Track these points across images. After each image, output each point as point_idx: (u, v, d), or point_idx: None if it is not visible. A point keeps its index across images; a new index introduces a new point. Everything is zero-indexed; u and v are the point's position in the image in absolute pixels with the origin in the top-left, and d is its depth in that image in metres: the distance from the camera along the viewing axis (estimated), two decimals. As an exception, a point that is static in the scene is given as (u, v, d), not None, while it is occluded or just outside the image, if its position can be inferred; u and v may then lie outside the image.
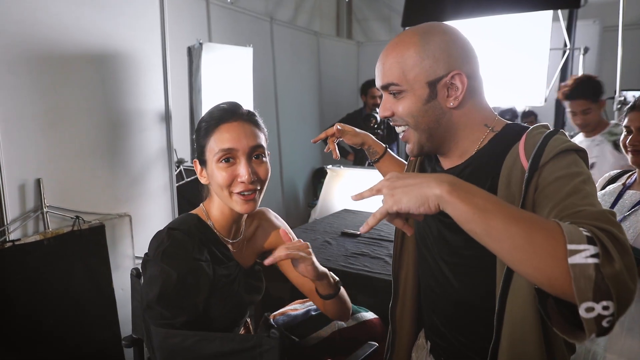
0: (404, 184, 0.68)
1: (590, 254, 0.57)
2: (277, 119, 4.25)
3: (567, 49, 3.03)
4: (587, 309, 0.57)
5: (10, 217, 1.86)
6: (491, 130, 0.90)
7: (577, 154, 0.79)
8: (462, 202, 0.64)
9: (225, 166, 0.99)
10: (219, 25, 3.43)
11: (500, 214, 0.62)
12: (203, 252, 1.00)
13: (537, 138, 0.81)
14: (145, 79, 2.40)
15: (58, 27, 1.99)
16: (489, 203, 0.63)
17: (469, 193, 0.65)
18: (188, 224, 1.03)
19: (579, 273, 0.57)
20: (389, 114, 0.90)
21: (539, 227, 0.61)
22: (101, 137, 2.20)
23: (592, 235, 0.59)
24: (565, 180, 0.73)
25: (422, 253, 1.03)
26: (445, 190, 0.64)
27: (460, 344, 0.96)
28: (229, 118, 1.01)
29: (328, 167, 3.25)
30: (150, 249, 1.00)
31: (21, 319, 1.83)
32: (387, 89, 0.89)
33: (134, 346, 1.19)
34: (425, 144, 0.90)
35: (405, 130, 0.91)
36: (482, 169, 0.87)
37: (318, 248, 2.21)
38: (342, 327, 1.36)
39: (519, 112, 4.44)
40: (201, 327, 0.96)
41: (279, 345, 0.86)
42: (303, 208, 4.69)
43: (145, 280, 0.97)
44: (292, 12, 4.64)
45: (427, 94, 0.86)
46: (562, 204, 0.70)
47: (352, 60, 5.44)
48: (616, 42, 2.86)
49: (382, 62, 0.90)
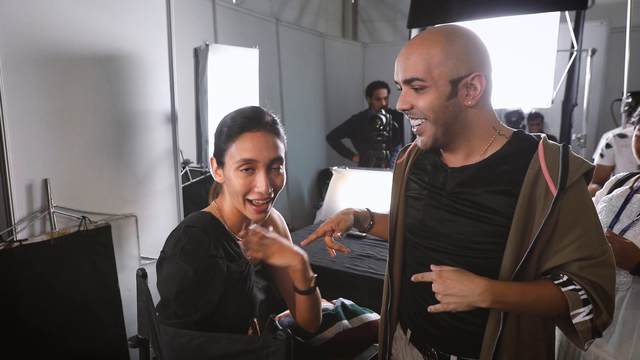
0: (456, 292, 0.85)
1: (586, 313, 0.87)
2: (283, 120, 4.18)
3: (574, 50, 3.01)
4: (588, 344, 0.90)
5: (18, 217, 1.88)
6: (498, 133, 0.96)
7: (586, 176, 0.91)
8: (505, 309, 0.90)
9: (244, 175, 1.01)
10: (225, 27, 3.44)
11: (527, 307, 0.88)
12: (219, 249, 1.01)
13: (555, 152, 0.90)
14: (152, 80, 2.41)
15: (65, 28, 2.00)
16: (518, 298, 0.87)
17: (503, 298, 0.86)
18: (203, 222, 1.04)
19: (581, 327, 0.87)
20: (408, 106, 0.94)
21: (551, 307, 0.88)
22: (108, 138, 2.21)
23: (588, 297, 0.87)
24: (583, 214, 0.89)
25: (412, 244, 1.07)
26: (489, 303, 0.85)
27: (452, 327, 1.00)
28: (253, 127, 1.01)
29: (333, 168, 3.24)
30: (167, 247, 1.00)
31: (27, 318, 1.84)
32: (410, 83, 0.92)
33: (140, 346, 1.19)
34: (440, 138, 0.94)
35: (422, 123, 0.95)
36: (497, 174, 0.92)
37: (323, 249, 2.20)
38: (347, 328, 1.36)
39: (525, 114, 4.41)
40: (212, 326, 0.96)
41: (285, 347, 0.86)
42: (308, 209, 4.69)
43: (161, 278, 0.98)
44: (298, 13, 4.64)
45: (449, 91, 0.91)
46: (581, 241, 0.88)
47: (357, 61, 5.44)
48: (624, 43, 2.84)
49: (406, 57, 0.93)
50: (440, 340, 1.02)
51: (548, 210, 0.86)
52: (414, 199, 1.06)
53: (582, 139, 3.15)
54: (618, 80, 2.88)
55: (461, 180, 0.96)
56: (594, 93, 3.64)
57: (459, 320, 0.99)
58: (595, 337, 0.89)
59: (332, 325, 1.35)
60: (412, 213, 1.07)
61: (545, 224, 0.86)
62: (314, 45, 4.76)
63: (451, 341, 1.01)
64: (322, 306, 1.42)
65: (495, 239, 0.91)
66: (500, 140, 0.96)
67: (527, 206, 0.88)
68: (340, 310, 1.41)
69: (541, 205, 0.87)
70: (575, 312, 0.86)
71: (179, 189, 2.54)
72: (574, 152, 0.92)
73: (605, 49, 3.97)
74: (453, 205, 0.97)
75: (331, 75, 5.01)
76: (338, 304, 1.45)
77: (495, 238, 0.91)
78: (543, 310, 0.89)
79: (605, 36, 3.99)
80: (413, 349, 1.09)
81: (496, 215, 0.91)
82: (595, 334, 0.88)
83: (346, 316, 1.40)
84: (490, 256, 0.93)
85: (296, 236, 2.50)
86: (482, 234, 0.92)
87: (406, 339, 1.11)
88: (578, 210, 0.88)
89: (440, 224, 0.99)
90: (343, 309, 1.43)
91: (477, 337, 0.96)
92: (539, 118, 4.34)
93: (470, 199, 0.94)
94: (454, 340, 1.00)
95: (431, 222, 1.01)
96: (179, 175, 2.57)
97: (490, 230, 0.92)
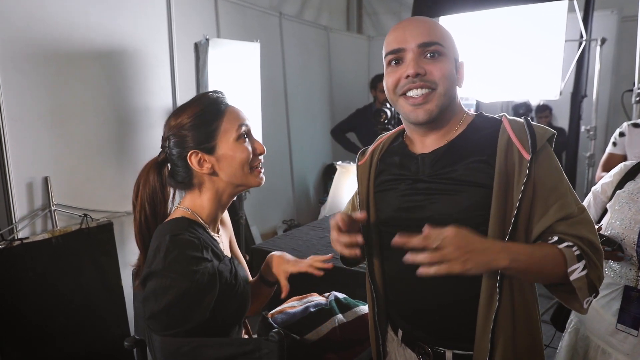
0: (474, 248, 0.81)
1: (581, 269, 0.87)
2: (287, 115, 4.23)
3: (583, 40, 2.93)
4: (586, 302, 0.90)
5: (19, 215, 1.87)
6: (466, 115, 1.02)
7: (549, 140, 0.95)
8: (517, 271, 0.87)
9: (244, 142, 1.03)
10: (227, 21, 3.41)
11: (536, 266, 0.87)
12: (208, 251, 0.98)
13: (519, 123, 0.94)
14: (153, 75, 2.40)
15: (64, 24, 1.99)
16: (528, 257, 0.86)
17: (517, 256, 0.84)
18: (184, 227, 0.99)
19: (578, 283, 0.87)
20: (423, 72, 0.92)
21: (554, 265, 0.87)
22: (108, 135, 2.20)
23: (581, 252, 0.88)
24: (557, 175, 0.93)
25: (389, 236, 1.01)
26: (507, 262, 0.83)
27: (443, 318, 0.98)
28: (226, 102, 1.06)
29: (337, 163, 3.21)
30: (156, 261, 0.93)
31: (29, 317, 1.84)
32: (429, 47, 0.92)
33: (137, 347, 1.17)
34: (439, 111, 0.95)
35: (429, 92, 0.93)
36: (470, 148, 0.96)
37: (326, 246, 2.18)
38: (341, 323, 1.34)
39: (533, 106, 4.33)
40: (206, 328, 0.93)
41: (278, 349, 0.84)
42: (314, 204, 4.66)
43: (149, 293, 0.92)
44: (301, 6, 4.59)
45: (454, 66, 0.96)
46: (561, 201, 0.91)
47: (362, 54, 5.38)
48: (635, 33, 2.76)
49: (417, 25, 0.94)
50: (433, 337, 1.00)
51: (525, 174, 0.88)
52: (386, 192, 1.04)
53: (592, 130, 3.08)
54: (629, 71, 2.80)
55: (435, 161, 0.97)
56: (603, 84, 3.56)
57: (450, 309, 0.97)
58: (592, 295, 0.89)
59: (327, 320, 1.33)
60: (384, 206, 1.04)
61: (524, 189, 0.88)
62: (318, 39, 4.71)
63: (445, 335, 0.99)
64: (315, 301, 1.41)
65: (477, 212, 0.91)
66: (467, 121, 1.01)
67: (504, 174, 0.90)
68: (334, 304, 1.39)
69: (517, 171, 0.90)
70: (572, 268, 0.86)
71: (181, 185, 2.53)
72: (583, 144, 0.94)
73: (616, 39, 3.87)
74: (431, 187, 0.97)
75: (336, 69, 4.96)
76: (331, 298, 1.43)
77: (477, 211, 0.91)
78: (549, 269, 0.87)
79: (616, 25, 3.90)
80: (406, 349, 1.07)
81: (476, 187, 0.92)
82: (592, 290, 0.89)
83: (340, 310, 1.38)
84: (477, 231, 0.90)
85: (299, 232, 2.48)
86: (464, 209, 0.92)
87: (398, 340, 1.09)
88: (552, 172, 0.92)
89: (419, 209, 0.97)
90: (336, 302, 1.41)
91: (469, 325, 0.94)
92: (547, 110, 4.25)
93: (448, 176, 0.95)
94: (447, 333, 0.99)
95: (410, 210, 0.98)
96: (181, 171, 2.56)
97: (472, 203, 0.92)
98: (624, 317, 1.23)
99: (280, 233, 3.96)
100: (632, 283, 1.23)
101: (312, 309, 1.37)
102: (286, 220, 4.23)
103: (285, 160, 4.23)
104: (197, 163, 1.03)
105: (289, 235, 2.46)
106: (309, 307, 1.38)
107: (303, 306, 1.38)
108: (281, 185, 4.21)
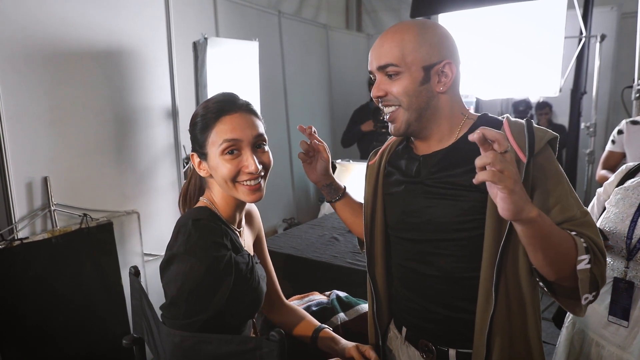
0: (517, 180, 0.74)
1: (587, 262, 0.85)
2: (287, 113, 4.22)
3: (583, 36, 2.92)
4: (585, 299, 0.88)
5: (18, 215, 1.87)
6: (467, 118, 1.00)
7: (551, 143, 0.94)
8: (539, 232, 0.81)
9: (230, 158, 0.98)
10: (226, 20, 3.41)
11: (557, 236, 0.84)
12: (228, 240, 0.99)
13: (519, 126, 0.92)
14: (152, 75, 2.39)
15: (62, 23, 1.98)
16: (550, 225, 0.83)
17: (544, 218, 0.80)
18: (207, 214, 1.01)
19: (582, 274, 0.85)
20: (383, 94, 0.96)
21: (567, 244, 0.85)
22: (108, 134, 2.20)
23: (588, 245, 0.86)
24: (557, 178, 0.92)
25: (397, 240, 1.07)
26: (536, 213, 0.78)
27: (446, 318, 0.99)
28: (229, 110, 1.00)
29: (337, 161, 3.21)
30: (178, 244, 0.94)
31: (29, 317, 1.84)
32: (384, 70, 0.95)
33: (135, 345, 1.17)
34: (412, 123, 0.97)
35: (395, 110, 0.97)
36: (469, 152, 0.91)
37: (325, 244, 2.17)
38: (344, 321, 1.34)
39: (533, 103, 4.32)
40: (218, 324, 0.94)
41: (278, 348, 0.83)
42: (314, 203, 4.67)
43: (169, 277, 0.93)
44: (299, 4, 4.58)
45: (422, 77, 0.94)
46: (561, 204, 0.91)
47: (362, 53, 5.37)
48: (635, 29, 2.76)
49: (380, 46, 0.96)
50: (437, 334, 1.02)
51: (522, 176, 0.87)
52: (392, 195, 1.07)
53: (592, 127, 3.08)
54: (629, 67, 2.80)
55: (434, 164, 0.99)
56: (603, 80, 3.55)
57: (452, 309, 0.99)
58: (592, 292, 0.88)
59: (329, 319, 1.33)
60: (392, 209, 1.07)
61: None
62: (317, 37, 4.71)
63: (448, 334, 1.00)
64: (316, 300, 1.41)
65: (475, 215, 0.93)
66: (468, 124, 1.00)
67: None
68: (335, 303, 1.40)
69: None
70: (581, 257, 0.85)
71: (181, 184, 2.53)
72: (583, 141, 0.92)
73: (615, 35, 3.86)
74: (430, 190, 0.99)
75: (335, 68, 4.95)
76: (333, 296, 1.43)
77: (475, 215, 0.93)
78: (564, 249, 0.84)
79: (615, 22, 3.89)
80: (409, 347, 1.08)
81: (473, 191, 0.92)
82: (593, 286, 0.88)
83: (342, 308, 1.38)
84: (474, 234, 0.93)
85: (298, 231, 2.48)
86: (462, 213, 0.94)
87: (401, 337, 1.10)
88: (551, 175, 0.92)
89: (420, 212, 1.00)
90: (338, 301, 1.41)
91: (471, 325, 0.96)
92: (547, 107, 4.24)
93: (446, 180, 0.96)
94: (450, 332, 1.00)
95: (411, 213, 1.01)
96: (181, 170, 2.56)
97: (469, 207, 0.93)
98: (614, 309, 1.24)
99: (280, 231, 3.95)
100: (621, 275, 1.24)
101: (314, 308, 1.37)
102: (286, 219, 4.23)
103: (285, 159, 4.23)
104: (197, 165, 1.05)
105: (289, 233, 2.46)
106: (311, 306, 1.38)
107: (305, 305, 1.38)
108: (281, 183, 4.21)
